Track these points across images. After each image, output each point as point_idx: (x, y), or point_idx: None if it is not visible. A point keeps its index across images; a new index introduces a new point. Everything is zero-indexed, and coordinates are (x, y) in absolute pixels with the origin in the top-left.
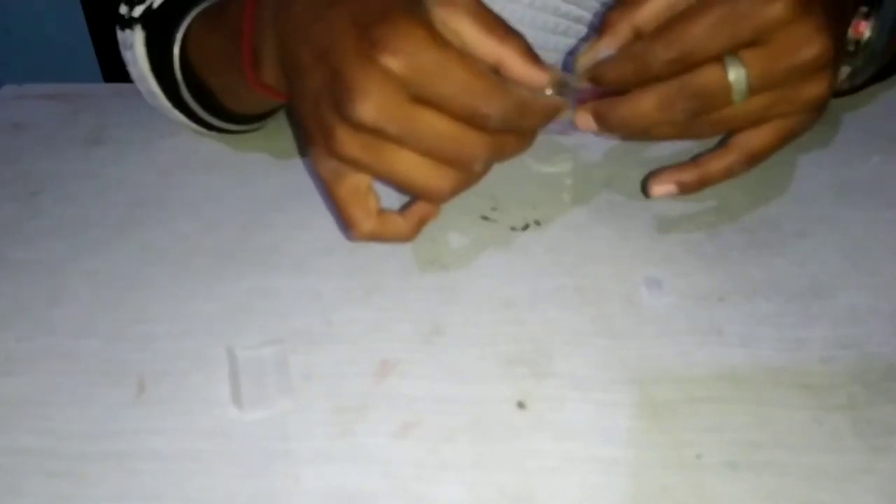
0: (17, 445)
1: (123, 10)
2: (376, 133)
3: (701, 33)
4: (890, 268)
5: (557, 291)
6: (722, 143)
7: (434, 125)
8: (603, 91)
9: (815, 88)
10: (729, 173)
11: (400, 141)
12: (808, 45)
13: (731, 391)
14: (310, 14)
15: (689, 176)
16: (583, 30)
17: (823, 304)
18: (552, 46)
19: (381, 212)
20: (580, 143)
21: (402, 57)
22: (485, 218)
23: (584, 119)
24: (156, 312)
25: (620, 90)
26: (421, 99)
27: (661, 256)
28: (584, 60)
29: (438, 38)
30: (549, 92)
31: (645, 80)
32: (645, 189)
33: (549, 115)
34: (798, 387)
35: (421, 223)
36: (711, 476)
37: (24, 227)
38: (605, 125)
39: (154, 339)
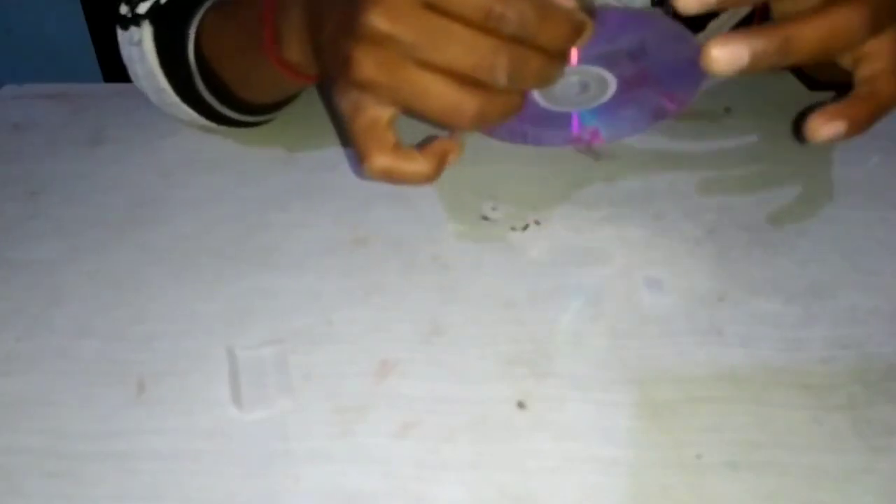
0: (18, 445)
1: (124, 9)
2: (391, 44)
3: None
4: (890, 268)
5: (557, 291)
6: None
7: (449, 30)
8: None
9: None
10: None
11: (415, 51)
12: None
13: (731, 391)
14: None
15: (859, 111)
16: None
17: (823, 304)
18: None
19: (399, 147)
20: None
21: None
22: (485, 218)
23: (762, 52)
24: (156, 312)
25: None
26: (434, 5)
27: (661, 256)
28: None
29: None
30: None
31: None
32: (806, 129)
33: (573, 31)
34: (798, 387)
35: (442, 162)
36: (711, 476)
37: (24, 227)
38: (794, 53)
39: (154, 339)
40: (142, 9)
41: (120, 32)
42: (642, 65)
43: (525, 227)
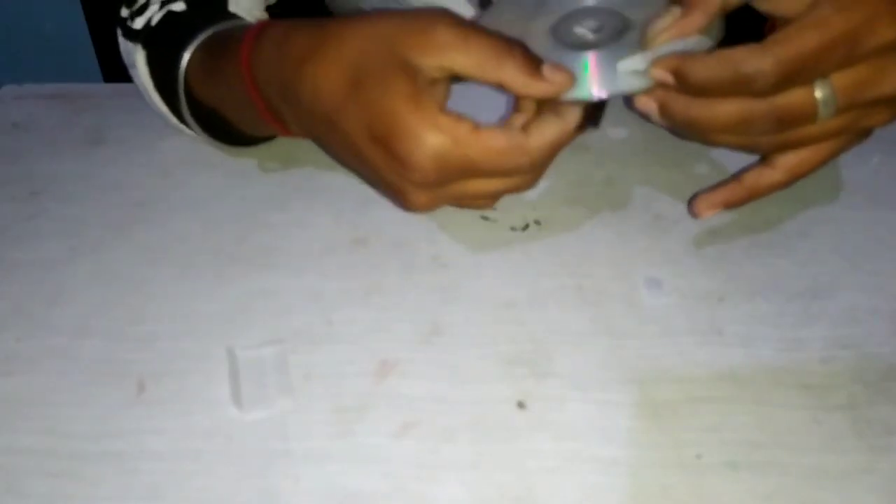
0: (18, 445)
1: (125, 12)
2: (431, 205)
3: (818, 51)
4: (890, 268)
5: (557, 291)
6: (763, 159)
7: (484, 187)
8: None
9: (886, 115)
10: (773, 190)
11: (455, 203)
12: None
13: (731, 391)
14: (322, 119)
15: (736, 196)
16: None
17: (823, 304)
18: None
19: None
20: (579, 143)
21: (431, 170)
22: (485, 218)
23: (647, 104)
24: (155, 312)
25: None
26: (467, 174)
27: (661, 256)
28: (666, 37)
29: (452, 126)
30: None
31: (734, 92)
32: (692, 210)
33: (578, 130)
34: (798, 387)
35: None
36: (711, 476)
37: (24, 227)
38: (670, 118)
39: (154, 339)
40: (138, 23)
41: (120, 35)
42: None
43: (525, 227)
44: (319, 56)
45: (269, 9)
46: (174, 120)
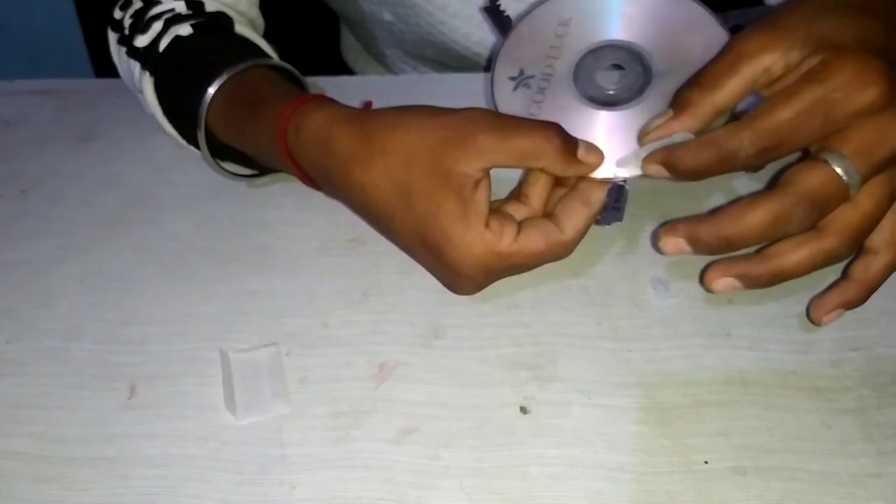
0: (7, 449)
1: (118, 14)
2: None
3: (793, 121)
4: None
5: (561, 292)
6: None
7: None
8: None
9: None
10: (886, 274)
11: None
12: None
13: (738, 395)
14: (372, 219)
15: (853, 294)
16: None
17: None
18: None
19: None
20: None
21: (480, 276)
22: None
23: (677, 245)
24: (147, 314)
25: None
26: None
27: (668, 258)
28: (654, 136)
29: (496, 241)
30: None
31: (724, 170)
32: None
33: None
34: (807, 390)
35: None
36: (719, 482)
37: (14, 226)
38: (705, 248)
39: (146, 342)
40: (140, 41)
41: (111, 33)
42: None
43: None
44: (367, 164)
45: (262, 4)
46: (182, 141)
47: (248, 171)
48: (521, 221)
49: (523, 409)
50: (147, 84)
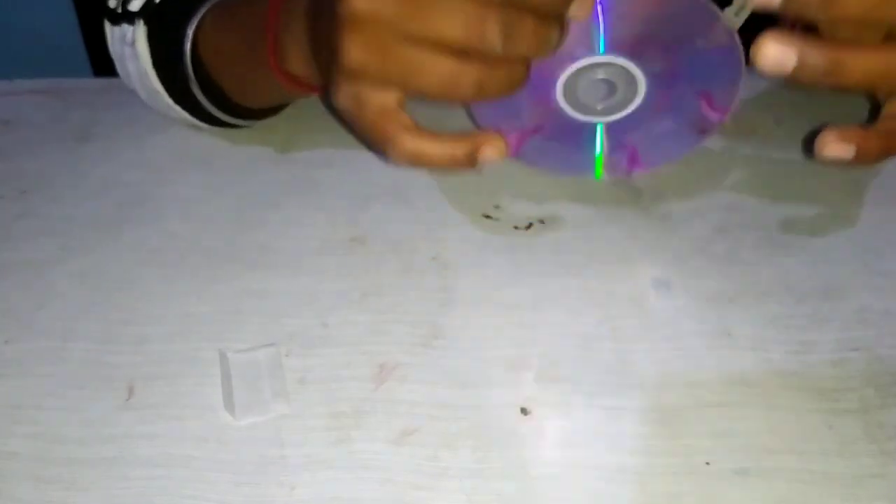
0: (6, 450)
1: (113, 2)
2: (375, 23)
3: None
4: None
5: (562, 293)
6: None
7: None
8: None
9: None
10: None
11: (400, 26)
12: None
13: (740, 395)
14: None
15: (873, 144)
16: None
17: (834, 306)
18: None
19: (420, 127)
20: None
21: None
22: (487, 216)
23: (783, 55)
24: (146, 314)
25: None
26: None
27: (669, 257)
28: None
29: None
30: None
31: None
32: (815, 146)
33: None
34: (809, 390)
35: (475, 149)
36: (721, 483)
37: (13, 226)
38: (811, 72)
39: (144, 342)
40: (134, 6)
41: (108, 27)
42: (673, 57)
43: (529, 227)
44: None
45: None
46: (168, 99)
47: (229, 119)
48: None
49: (524, 410)
50: (140, 34)
